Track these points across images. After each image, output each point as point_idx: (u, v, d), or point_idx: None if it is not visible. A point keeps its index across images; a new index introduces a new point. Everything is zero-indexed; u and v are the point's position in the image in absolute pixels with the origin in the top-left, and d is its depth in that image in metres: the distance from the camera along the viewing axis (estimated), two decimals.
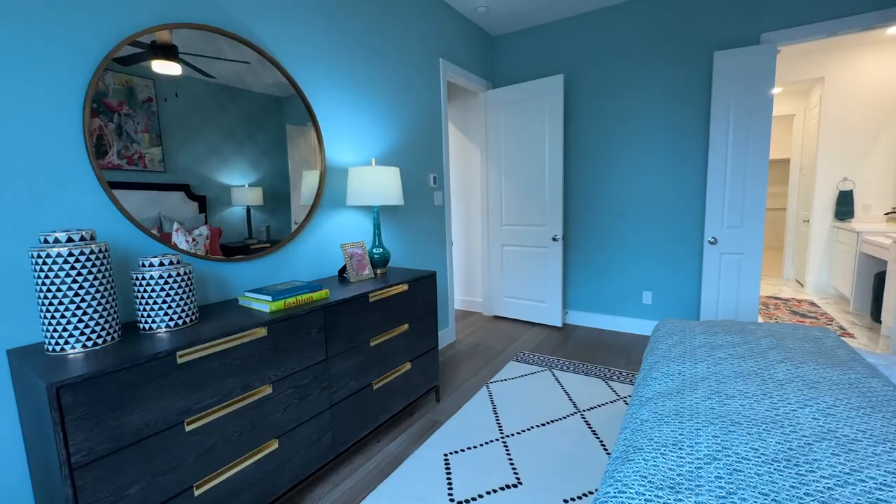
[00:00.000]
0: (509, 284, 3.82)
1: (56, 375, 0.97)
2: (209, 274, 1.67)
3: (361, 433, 1.81)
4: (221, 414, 1.27)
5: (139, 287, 1.26)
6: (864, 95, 4.20)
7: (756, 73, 2.71)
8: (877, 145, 4.20)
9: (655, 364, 1.47)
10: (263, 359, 1.39)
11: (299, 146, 2.01)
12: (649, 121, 3.20)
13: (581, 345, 3.19)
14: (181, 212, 1.58)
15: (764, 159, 2.75)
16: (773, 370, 1.28)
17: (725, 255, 2.95)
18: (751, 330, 1.69)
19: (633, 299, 3.46)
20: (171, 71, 1.52)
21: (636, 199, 3.33)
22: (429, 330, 2.22)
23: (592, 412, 2.17)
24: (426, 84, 2.92)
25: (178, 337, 1.22)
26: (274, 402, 1.43)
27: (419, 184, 2.92)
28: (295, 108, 1.98)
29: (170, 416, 1.14)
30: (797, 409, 1.05)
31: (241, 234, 1.79)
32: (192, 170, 1.61)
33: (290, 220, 1.99)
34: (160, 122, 1.51)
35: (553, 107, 3.34)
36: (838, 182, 4.41)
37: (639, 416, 1.14)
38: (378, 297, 1.86)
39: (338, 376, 1.68)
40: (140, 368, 1.07)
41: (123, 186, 1.42)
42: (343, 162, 2.28)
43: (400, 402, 2.04)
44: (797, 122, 5.20)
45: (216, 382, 1.25)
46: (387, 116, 2.58)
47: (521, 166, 3.59)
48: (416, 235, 2.91)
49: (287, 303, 1.54)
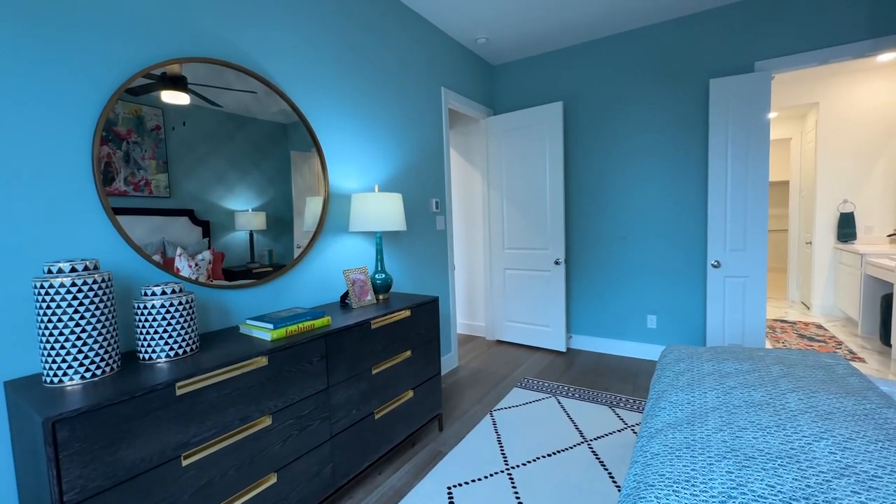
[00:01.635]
0: (512, 308, 3.79)
1: (52, 409, 0.95)
2: (211, 301, 1.67)
3: (362, 465, 1.76)
4: (219, 447, 1.23)
5: (140, 316, 1.25)
6: (859, 120, 4.26)
7: (752, 99, 2.76)
8: (875, 168, 4.24)
9: (663, 393, 1.44)
10: (264, 389, 1.36)
11: (303, 173, 2.04)
12: (648, 145, 3.24)
13: (586, 370, 3.14)
14: (185, 237, 1.59)
15: (764, 183, 2.77)
16: (785, 400, 1.24)
17: (729, 278, 2.93)
18: (759, 357, 1.66)
19: (637, 323, 3.42)
20: (179, 101, 1.56)
21: (638, 222, 3.34)
22: (431, 356, 2.19)
23: (599, 441, 2.11)
24: (428, 111, 2.98)
25: (177, 367, 1.21)
26: (273, 433, 1.40)
27: (421, 209, 2.94)
28: (299, 134, 2.01)
29: (166, 451, 1.11)
30: (812, 442, 1.01)
31: (244, 259, 1.79)
32: (196, 196, 1.62)
33: (292, 244, 2.00)
34: (167, 149, 1.53)
35: (553, 132, 3.39)
36: (839, 204, 4.42)
37: (649, 449, 1.10)
38: (380, 323, 1.84)
39: (339, 405, 1.65)
40: (138, 401, 1.05)
41: (129, 212, 1.43)
42: (346, 188, 2.30)
43: (402, 431, 1.99)
44: (794, 146, 5.26)
45: (215, 414, 1.22)
46: (389, 143, 2.62)
47: (523, 190, 3.62)
48: (419, 260, 2.90)
49: (288, 330, 1.53)
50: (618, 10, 2.92)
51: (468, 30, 3.12)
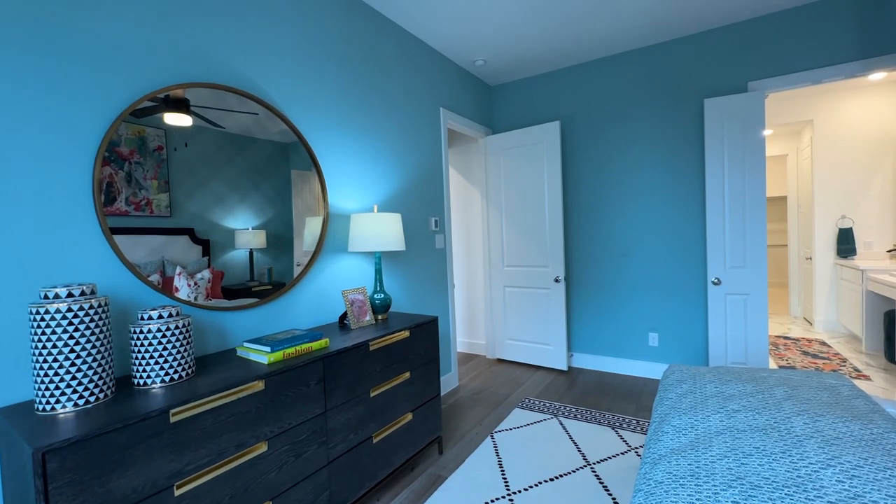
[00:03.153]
0: (512, 326, 3.76)
1: (43, 439, 0.93)
2: (209, 322, 1.65)
3: (360, 492, 1.72)
4: (213, 476, 1.21)
5: (136, 341, 1.24)
6: (854, 136, 4.31)
7: (746, 118, 2.79)
8: (872, 184, 4.26)
9: (666, 416, 1.41)
10: (260, 414, 1.34)
11: (303, 194, 2.05)
12: (646, 163, 3.27)
13: (588, 390, 3.09)
14: (185, 255, 1.59)
15: (761, 200, 2.78)
16: (790, 424, 1.22)
17: (730, 295, 2.92)
18: (763, 378, 1.63)
19: (639, 341, 3.39)
20: (182, 122, 1.58)
21: (637, 239, 3.34)
22: (431, 378, 2.16)
23: (603, 465, 2.07)
24: (427, 132, 3.02)
25: (172, 393, 1.19)
26: (269, 460, 1.37)
27: (421, 228, 2.95)
28: (299, 154, 2.03)
29: (159, 480, 1.09)
30: (819, 469, 0.99)
31: (243, 277, 1.79)
32: (197, 215, 1.63)
33: (292, 263, 1.99)
34: (169, 169, 1.54)
35: (551, 151, 3.42)
36: (837, 220, 4.44)
37: (652, 477, 1.08)
38: (379, 344, 1.82)
39: (336, 430, 1.62)
40: (131, 429, 1.03)
41: (130, 231, 1.43)
42: (346, 209, 2.31)
43: (401, 456, 1.95)
44: (790, 162, 5.31)
45: (209, 441, 1.20)
46: (389, 163, 2.64)
47: (522, 208, 3.64)
48: (418, 279, 2.90)
49: (286, 353, 1.51)
50: (615, 31, 2.98)
51: (466, 52, 3.19)
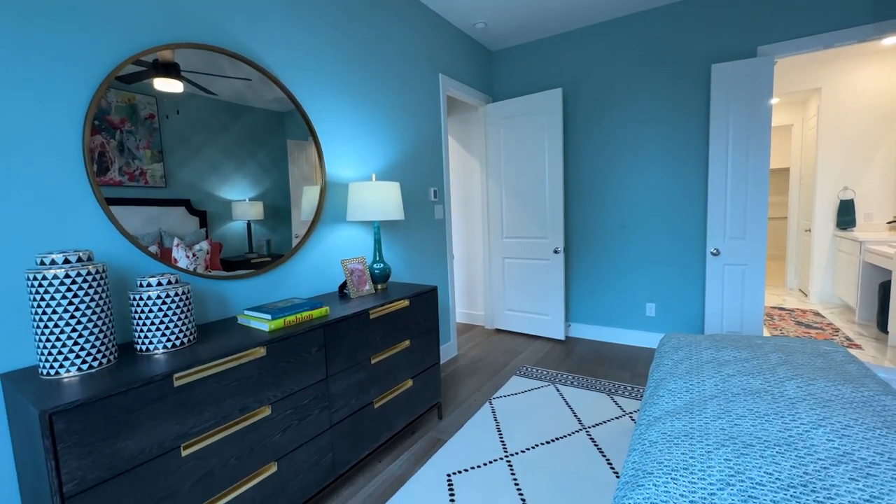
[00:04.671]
0: (511, 297, 3.79)
1: (49, 401, 0.94)
2: (208, 292, 1.65)
3: (362, 453, 1.77)
4: (219, 437, 1.24)
5: (137, 307, 1.24)
6: (862, 105, 4.22)
7: (754, 85, 2.72)
8: (876, 155, 4.21)
9: (662, 381, 1.44)
10: (262, 379, 1.36)
11: (300, 163, 2.01)
12: (649, 132, 3.21)
13: (585, 358, 3.15)
14: (182, 227, 1.57)
15: (764, 170, 2.75)
16: (784, 387, 1.25)
17: (728, 266, 2.93)
18: (758, 344, 1.66)
19: (636, 311, 3.43)
20: (173, 88, 1.53)
21: (637, 210, 3.32)
22: (430, 346, 2.19)
23: (598, 429, 2.13)
24: (426, 99, 2.94)
25: (175, 358, 1.20)
26: (273, 423, 1.40)
27: (420, 198, 2.91)
28: (295, 123, 1.98)
29: (165, 442, 1.11)
30: (811, 429, 1.02)
31: (242, 249, 1.78)
32: (193, 185, 1.60)
33: (290, 234, 1.98)
34: (162, 138, 1.51)
35: (552, 120, 3.35)
36: (838, 191, 4.40)
37: (647, 437, 1.11)
38: (379, 313, 1.84)
39: (338, 395, 1.65)
40: (136, 392, 1.05)
41: (125, 203, 1.41)
42: (343, 177, 2.27)
43: (401, 420, 2.00)
44: (795, 132, 5.22)
45: (213, 405, 1.22)
46: (387, 131, 2.58)
47: (522, 179, 3.59)
48: (417, 250, 2.89)
49: (287, 321, 1.52)
50: None
51: (467, 14, 3.06)
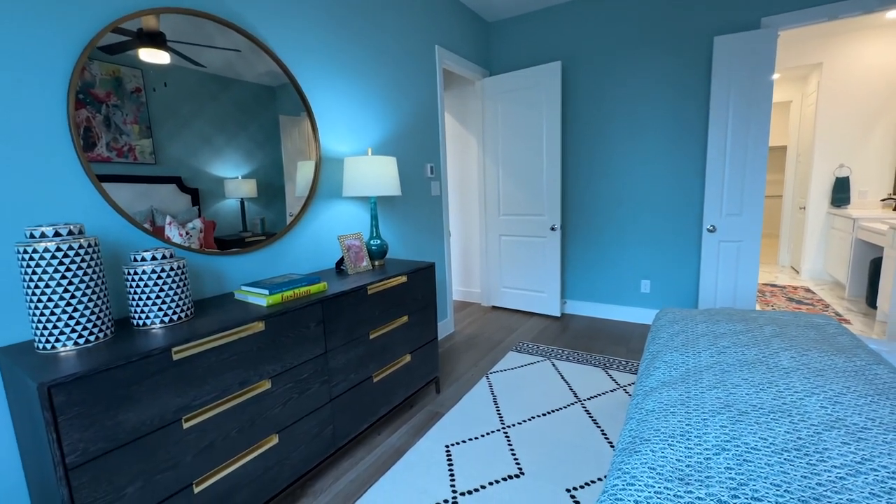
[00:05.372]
0: (507, 275, 3.80)
1: (47, 374, 0.94)
2: (204, 268, 1.64)
3: (362, 426, 1.80)
4: (219, 410, 1.24)
5: (132, 282, 1.23)
6: (863, 81, 4.17)
7: (756, 59, 2.67)
8: (874, 131, 4.19)
9: (658, 353, 1.46)
10: (261, 354, 1.36)
11: (293, 137, 1.96)
12: (648, 107, 3.16)
13: (580, 334, 3.19)
14: (173, 205, 1.54)
15: (763, 146, 2.73)
16: (778, 358, 1.27)
17: (724, 242, 2.94)
18: (752, 318, 1.68)
19: (631, 288, 3.46)
20: (159, 59, 1.47)
21: (635, 187, 3.31)
22: (428, 321, 2.20)
23: (592, 401, 2.17)
24: (422, 72, 2.86)
25: (173, 333, 1.19)
26: (273, 397, 1.41)
27: (416, 174, 2.88)
28: (288, 97, 1.93)
29: (166, 414, 1.12)
30: (804, 397, 1.04)
31: (236, 228, 1.76)
32: (183, 161, 1.56)
33: (285, 212, 1.95)
34: (149, 112, 1.46)
35: (550, 94, 3.29)
36: (835, 169, 4.40)
37: (644, 406, 1.13)
38: (377, 289, 1.83)
39: (337, 370, 1.66)
40: (134, 366, 1.04)
41: (113, 179, 1.37)
42: (338, 152, 2.23)
43: (400, 394, 2.02)
44: (794, 109, 5.18)
45: (213, 378, 1.22)
46: (382, 105, 2.52)
47: (519, 155, 3.55)
48: (414, 226, 2.87)
49: (284, 296, 1.51)
50: None
51: None
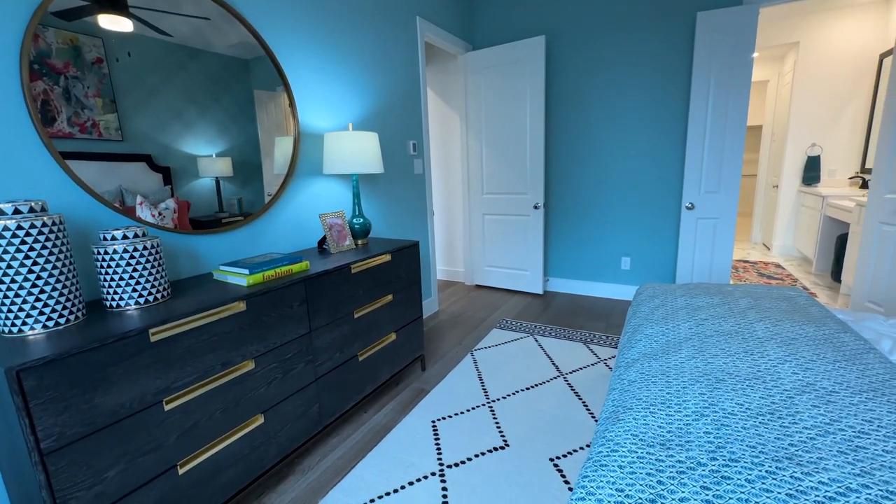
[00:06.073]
0: (491, 253, 3.82)
1: (15, 359, 0.89)
2: (179, 248, 1.58)
3: (348, 404, 1.80)
4: (202, 391, 1.22)
5: (102, 262, 1.17)
6: (837, 60, 4.25)
7: (737, 35, 2.68)
8: (846, 111, 4.30)
9: (639, 326, 1.49)
10: (243, 334, 1.33)
11: (270, 111, 1.88)
12: (631, 85, 3.15)
13: (562, 311, 3.25)
14: (144, 184, 1.47)
15: (742, 124, 2.77)
16: (753, 329, 1.31)
17: (702, 219, 3.01)
18: (729, 291, 1.73)
19: (611, 265, 3.52)
20: (120, 27, 1.37)
21: (616, 166, 3.33)
22: (413, 300, 2.20)
23: (574, 375, 2.23)
24: (403, 45, 2.77)
25: (149, 314, 1.15)
26: (257, 377, 1.39)
27: (399, 151, 2.82)
28: (264, 70, 1.84)
29: (146, 396, 1.09)
30: (777, 364, 1.08)
31: (212, 208, 1.69)
32: (152, 137, 1.48)
33: (263, 191, 1.89)
34: (113, 85, 1.37)
35: (534, 70, 3.24)
36: (807, 148, 4.52)
37: (626, 377, 1.16)
38: (360, 268, 1.81)
39: (322, 349, 1.65)
40: (110, 348, 1.01)
41: (77, 157, 1.29)
42: (318, 128, 2.16)
43: (386, 372, 2.03)
44: (770, 89, 5.26)
45: (194, 360, 1.20)
46: (363, 79, 2.44)
47: (502, 133, 3.51)
48: (397, 205, 2.83)
49: (266, 276, 1.48)
50: None
51: None
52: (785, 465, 0.73)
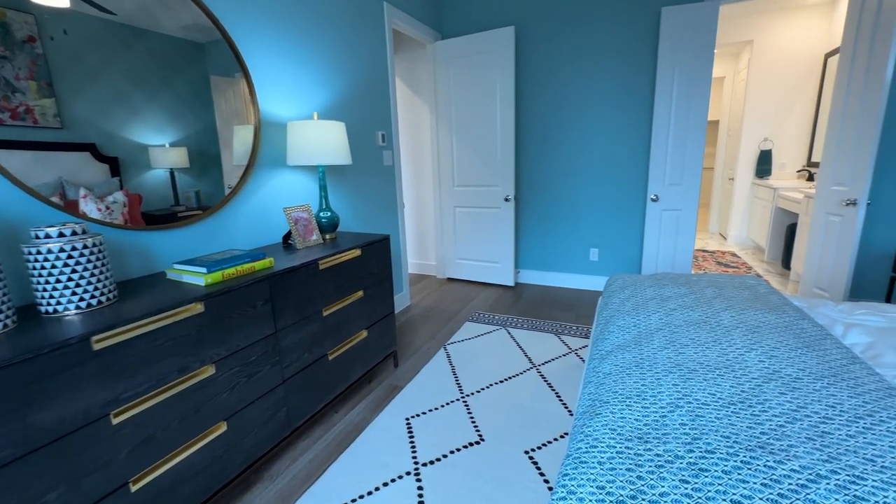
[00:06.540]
0: (462, 246, 3.80)
1: None
2: (129, 246, 1.45)
3: (318, 405, 1.74)
4: (156, 401, 1.13)
5: (35, 263, 1.05)
6: (787, 59, 4.47)
7: (699, 31, 2.75)
8: (794, 107, 4.54)
9: (611, 318, 1.51)
10: (202, 337, 1.24)
11: (228, 98, 1.76)
12: (598, 77, 3.19)
13: (533, 302, 3.28)
14: (88, 175, 1.34)
15: (703, 118, 2.86)
16: (719, 318, 1.35)
17: (666, 211, 3.10)
18: (694, 281, 1.78)
19: (580, 257, 3.58)
20: (54, 2, 1.22)
21: (585, 159, 3.37)
22: (384, 295, 2.14)
23: (547, 366, 2.25)
24: (370, 31, 2.67)
25: (92, 319, 1.05)
26: (219, 382, 1.30)
27: (367, 142, 2.73)
28: (221, 55, 1.71)
29: (91, 410, 0.99)
30: (744, 353, 1.11)
31: (167, 201, 1.57)
32: (95, 124, 1.34)
33: (222, 183, 1.77)
34: (49, 66, 1.23)
35: (504, 62, 3.22)
36: (760, 142, 4.75)
37: (601, 369, 1.16)
38: (329, 263, 1.74)
39: (289, 350, 1.57)
40: (45, 359, 0.90)
41: (7, 146, 1.15)
42: (281, 116, 2.04)
43: (357, 370, 1.97)
44: (727, 85, 5.49)
45: (147, 367, 1.10)
46: (328, 67, 2.33)
47: (473, 124, 3.48)
48: (366, 197, 2.75)
49: (226, 274, 1.38)
50: None
51: None
52: (758, 454, 0.74)
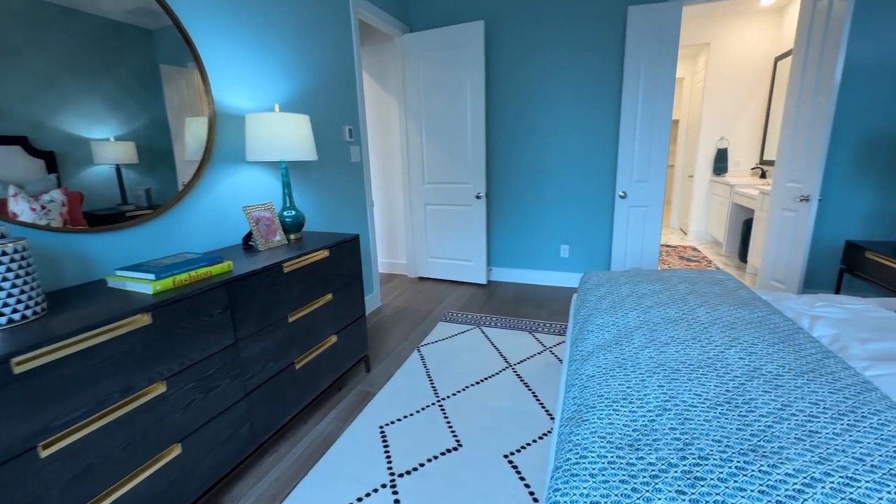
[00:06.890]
0: (434, 244, 3.73)
1: None
2: (65, 250, 1.29)
3: (285, 418, 1.62)
4: (95, 427, 0.99)
5: None
6: (741, 61, 4.68)
7: (664, 30, 2.80)
8: (747, 108, 4.76)
9: (589, 317, 1.49)
10: (151, 352, 1.11)
11: (180, 89, 1.61)
12: (567, 76, 3.19)
13: (506, 300, 3.26)
14: (18, 171, 1.17)
15: (668, 116, 2.92)
16: (696, 314, 1.35)
17: (633, 207, 3.15)
18: (667, 277, 1.80)
19: (551, 253, 3.60)
20: None
21: (555, 156, 3.38)
22: (355, 298, 2.04)
23: (522, 365, 2.22)
24: (335, 21, 2.54)
25: (14, 337, 0.90)
26: (170, 401, 1.18)
27: (333, 137, 2.60)
28: (172, 42, 1.56)
29: (13, 444, 0.85)
30: (724, 350, 1.11)
31: (113, 200, 1.41)
32: (22, 114, 1.18)
33: (176, 180, 1.62)
34: None
35: (474, 57, 3.16)
36: (717, 141, 4.96)
37: (583, 371, 1.13)
38: (294, 266, 1.62)
39: (252, 360, 1.45)
40: None
41: None
42: (239, 108, 1.90)
43: (327, 378, 1.87)
44: (686, 85, 5.69)
45: (81, 391, 0.96)
46: (291, 57, 2.19)
47: (443, 120, 3.41)
48: (333, 195, 2.63)
49: (177, 280, 1.25)
50: None
51: None
52: (752, 459, 0.72)
